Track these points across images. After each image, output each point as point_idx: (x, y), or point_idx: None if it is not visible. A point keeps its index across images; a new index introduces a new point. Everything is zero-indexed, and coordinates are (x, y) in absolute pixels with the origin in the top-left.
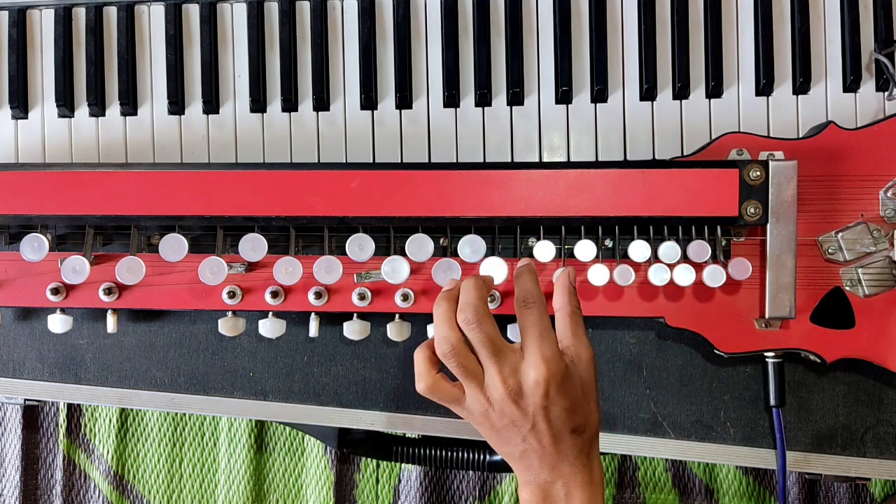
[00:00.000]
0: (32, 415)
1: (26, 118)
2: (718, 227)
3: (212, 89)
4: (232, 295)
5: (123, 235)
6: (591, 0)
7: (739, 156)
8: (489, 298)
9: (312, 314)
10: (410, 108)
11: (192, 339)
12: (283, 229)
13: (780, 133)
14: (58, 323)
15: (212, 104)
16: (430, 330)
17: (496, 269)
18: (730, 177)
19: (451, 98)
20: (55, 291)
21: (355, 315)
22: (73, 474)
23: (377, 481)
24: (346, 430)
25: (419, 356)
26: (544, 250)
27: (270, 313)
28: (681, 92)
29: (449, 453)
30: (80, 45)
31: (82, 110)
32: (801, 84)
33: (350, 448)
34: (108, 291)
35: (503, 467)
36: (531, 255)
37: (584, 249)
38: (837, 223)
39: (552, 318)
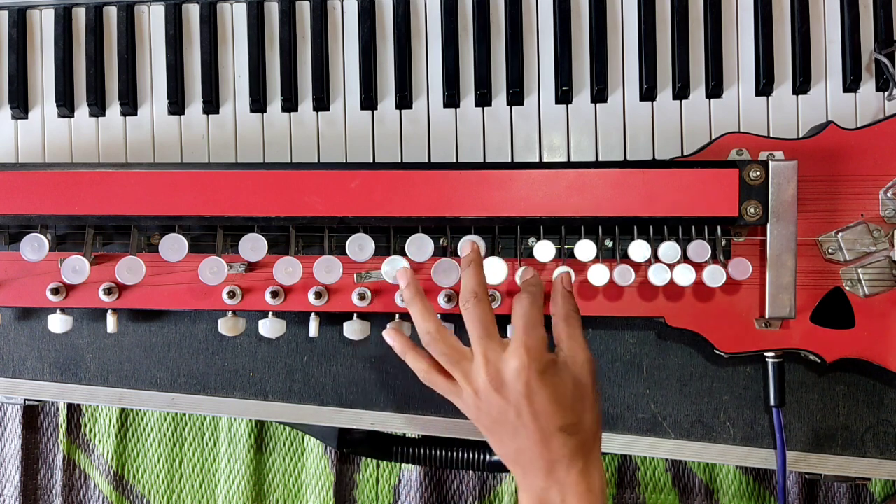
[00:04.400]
0: (32, 415)
1: (26, 118)
2: (718, 227)
3: (212, 89)
4: (232, 295)
5: (123, 235)
6: (591, 0)
7: (739, 156)
8: (490, 298)
9: (312, 314)
10: (410, 108)
11: (192, 339)
12: (283, 229)
13: (780, 133)
14: (58, 323)
15: (212, 104)
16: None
17: (496, 269)
18: (730, 177)
19: (451, 98)
20: (55, 291)
21: (355, 315)
22: (73, 474)
23: (377, 481)
24: (346, 430)
25: (408, 356)
26: (544, 250)
27: (270, 313)
28: (681, 92)
29: (449, 453)
30: (80, 45)
31: (82, 110)
32: (801, 84)
33: (350, 448)
34: (108, 291)
35: (503, 467)
36: (531, 256)
37: (584, 249)
38: (837, 223)
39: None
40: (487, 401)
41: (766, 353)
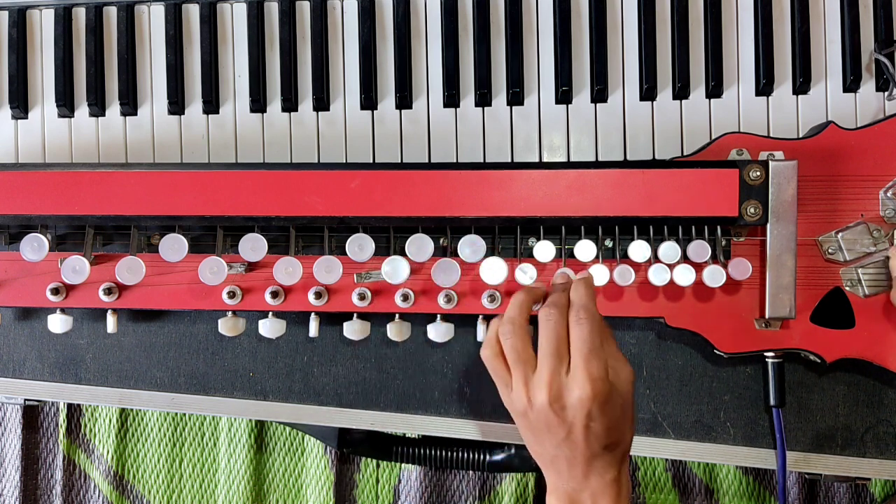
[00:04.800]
0: (32, 415)
1: (26, 118)
2: (718, 227)
3: (212, 89)
4: (232, 295)
5: (123, 235)
6: (591, 0)
7: (739, 156)
8: (490, 298)
9: (312, 314)
10: (410, 108)
11: (192, 339)
12: (283, 229)
13: (780, 133)
14: (58, 323)
15: (212, 104)
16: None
17: (496, 269)
18: (730, 177)
19: (451, 98)
20: (55, 291)
21: (355, 315)
22: (73, 474)
23: (377, 481)
24: (346, 430)
25: (492, 325)
26: (544, 250)
27: (270, 313)
28: (681, 92)
29: (449, 453)
30: (80, 45)
31: (82, 110)
32: (801, 84)
33: (350, 448)
34: (108, 291)
35: (503, 467)
36: (531, 256)
37: (584, 249)
38: (837, 223)
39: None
40: (539, 413)
41: (766, 353)
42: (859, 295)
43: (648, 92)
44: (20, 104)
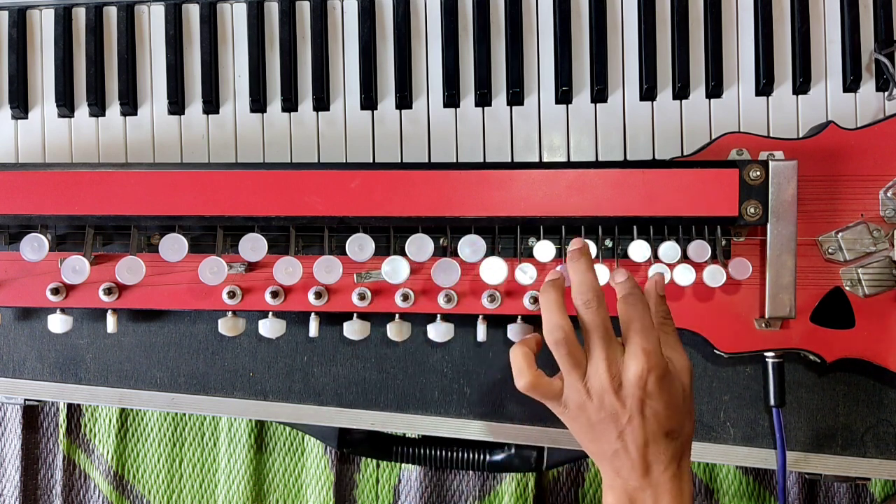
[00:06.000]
0: (32, 415)
1: (26, 118)
2: (718, 227)
3: (212, 89)
4: (232, 295)
5: (123, 235)
6: (591, 0)
7: (739, 156)
8: (490, 298)
9: (312, 314)
10: (410, 108)
11: (192, 339)
12: (283, 229)
13: (780, 133)
14: (58, 323)
15: (212, 104)
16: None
17: (496, 269)
18: (730, 177)
19: (451, 98)
20: (55, 291)
21: (355, 315)
22: (73, 474)
23: (377, 481)
24: (346, 430)
25: (518, 352)
26: (544, 250)
27: (270, 313)
28: (681, 92)
29: (449, 453)
30: (80, 45)
31: (82, 110)
32: (801, 84)
33: (350, 448)
34: (108, 291)
35: (503, 467)
36: (531, 256)
37: None
38: (837, 223)
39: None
40: (600, 401)
41: (766, 353)
42: (859, 295)
43: (648, 92)
44: (20, 104)
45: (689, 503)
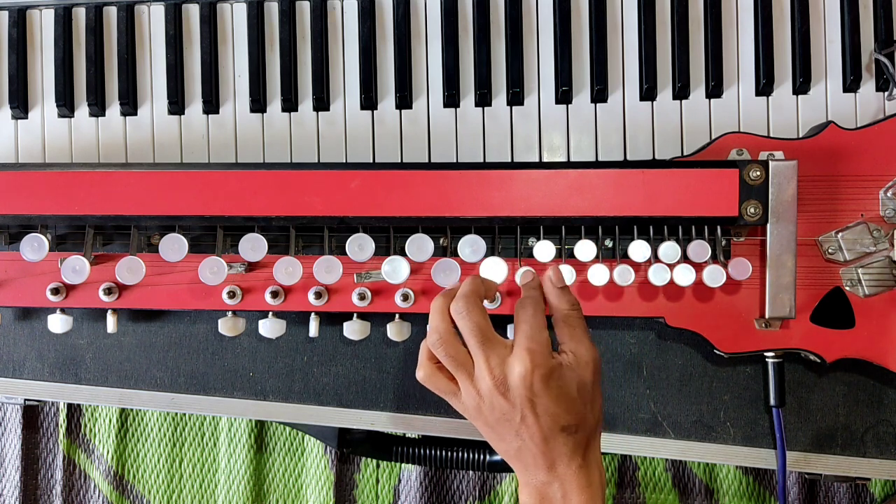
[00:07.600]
0: (32, 415)
1: (26, 118)
2: (718, 227)
3: (212, 89)
4: (232, 295)
5: (123, 235)
6: (591, 0)
7: (739, 156)
8: (491, 298)
9: (312, 314)
10: (410, 108)
11: (192, 339)
12: (283, 229)
13: (780, 133)
14: (58, 323)
15: (212, 104)
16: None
17: (496, 269)
18: (730, 177)
19: (451, 98)
20: (55, 291)
21: (355, 315)
22: (73, 474)
23: (377, 481)
24: (346, 430)
25: (423, 346)
26: (544, 250)
27: (270, 313)
28: (681, 92)
29: (449, 453)
30: (80, 45)
31: (82, 110)
32: (801, 84)
33: (350, 448)
34: (108, 291)
35: (503, 467)
36: (531, 256)
37: (584, 249)
38: (837, 223)
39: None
40: (490, 403)
41: (766, 353)
42: (859, 295)
43: (648, 92)
44: (20, 104)
45: (599, 493)
